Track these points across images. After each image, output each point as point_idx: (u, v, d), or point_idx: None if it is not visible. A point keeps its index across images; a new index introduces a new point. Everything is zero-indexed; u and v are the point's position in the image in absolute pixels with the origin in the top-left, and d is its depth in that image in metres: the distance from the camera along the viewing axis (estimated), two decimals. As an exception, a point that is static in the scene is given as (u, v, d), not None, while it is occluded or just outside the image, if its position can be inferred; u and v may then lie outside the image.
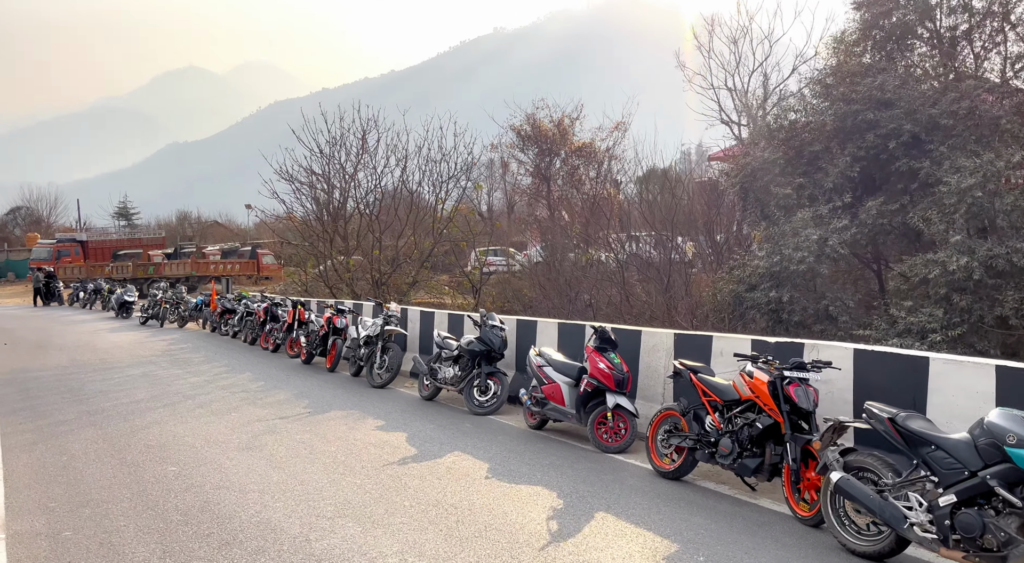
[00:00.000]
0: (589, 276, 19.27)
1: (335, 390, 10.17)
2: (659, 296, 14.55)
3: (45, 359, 13.51)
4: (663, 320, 12.69)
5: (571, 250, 22.05)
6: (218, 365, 12.94)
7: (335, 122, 19.37)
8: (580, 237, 21.25)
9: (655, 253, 18.88)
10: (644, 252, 19.83)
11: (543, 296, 18.92)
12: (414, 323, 11.29)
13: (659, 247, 18.15)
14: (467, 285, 21.14)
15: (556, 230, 22.23)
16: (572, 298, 18.58)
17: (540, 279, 21.25)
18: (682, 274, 15.12)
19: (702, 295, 11.98)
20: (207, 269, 33.12)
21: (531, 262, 24.05)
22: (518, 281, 21.29)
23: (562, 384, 6.96)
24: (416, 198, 19.63)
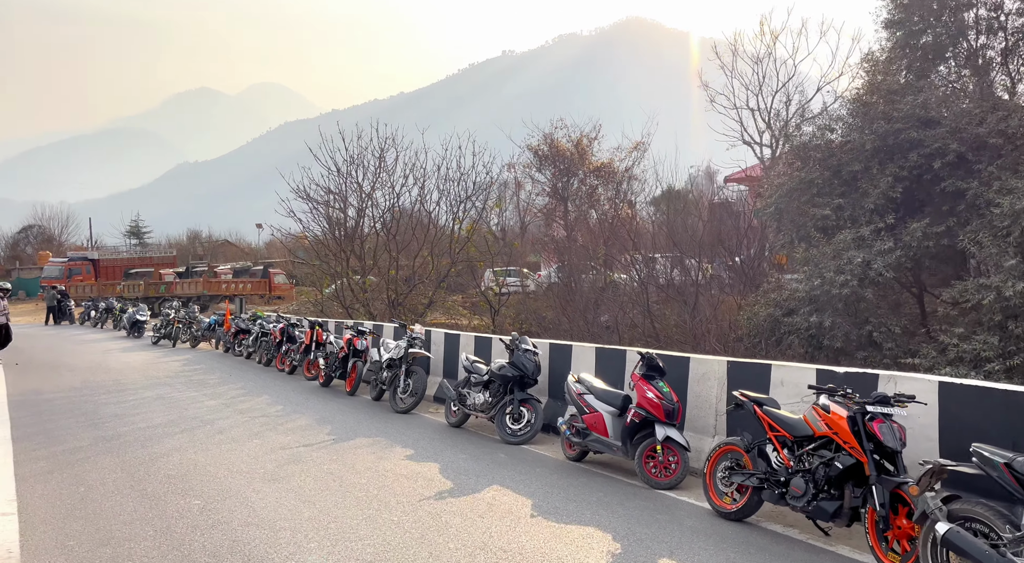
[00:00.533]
0: (608, 298, 18.94)
1: (358, 415, 9.81)
2: (685, 319, 14.18)
3: (58, 380, 13.21)
4: (692, 344, 12.30)
5: (588, 271, 21.75)
6: (234, 387, 12.61)
7: (352, 141, 19.24)
8: (600, 258, 20.94)
9: (675, 275, 18.58)
10: (663, 274, 19.52)
11: (565, 318, 18.57)
12: (438, 346, 10.95)
13: (679, 268, 17.85)
14: (483, 306, 20.82)
15: (573, 251, 21.94)
16: (591, 320, 18.23)
17: (558, 300, 20.94)
18: (707, 297, 14.76)
19: (732, 319, 11.59)
20: (219, 288, 32.93)
21: (546, 283, 23.76)
22: (534, 302, 20.95)
23: (605, 414, 6.59)
24: (434, 217, 19.39)
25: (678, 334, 13.86)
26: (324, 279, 20.58)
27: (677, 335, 13.75)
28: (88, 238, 61.51)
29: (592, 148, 22.19)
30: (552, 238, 22.63)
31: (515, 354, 8.14)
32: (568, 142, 22.65)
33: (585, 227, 22.18)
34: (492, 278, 22.24)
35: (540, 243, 24.73)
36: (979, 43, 12.42)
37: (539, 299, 21.26)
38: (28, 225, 63.69)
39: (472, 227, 20.46)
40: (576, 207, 22.66)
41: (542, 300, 21.74)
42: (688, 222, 18.34)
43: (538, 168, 23.53)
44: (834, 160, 10.46)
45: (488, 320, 20.37)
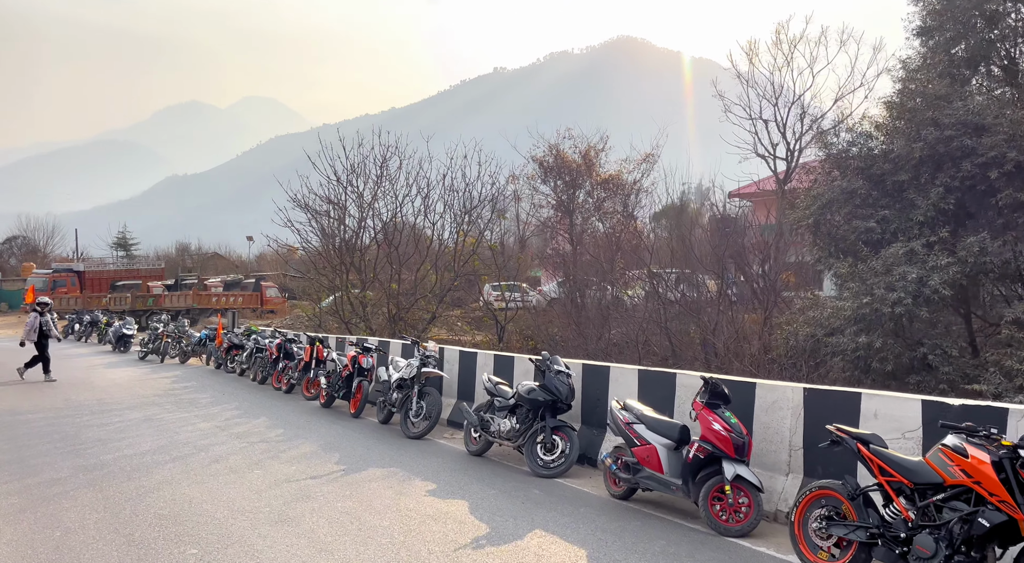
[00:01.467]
0: (618, 314, 18.23)
1: (366, 441, 8.97)
2: (708, 337, 13.44)
3: (37, 399, 12.27)
4: (718, 365, 11.57)
5: (595, 286, 21.04)
6: (228, 408, 11.72)
7: (353, 148, 18.50)
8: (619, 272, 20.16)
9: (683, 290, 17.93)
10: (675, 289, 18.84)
11: (573, 334, 17.82)
12: (452, 364, 10.14)
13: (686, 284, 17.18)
14: (487, 321, 20.04)
15: (580, 265, 21.25)
16: (599, 337, 17.49)
17: (564, 316, 20.18)
18: (725, 315, 14.03)
19: (764, 339, 10.85)
20: (209, 301, 31.92)
21: (546, 298, 23.00)
22: (536, 318, 20.19)
23: (659, 447, 5.81)
24: (438, 229, 18.64)
25: (700, 353, 13.13)
26: (322, 293, 19.72)
27: (699, 354, 13.02)
28: (74, 250, 60.26)
29: (599, 159, 21.57)
30: (558, 252, 21.91)
31: (546, 376, 7.35)
32: (574, 153, 22.02)
33: (592, 241, 21.50)
34: (491, 292, 21.49)
35: (545, 257, 24.02)
36: (1017, 51, 11.90)
37: (542, 314, 20.51)
38: (12, 236, 62.34)
39: (475, 240, 19.73)
40: (583, 220, 22.00)
41: (545, 316, 21.01)
42: (694, 236, 17.69)
43: (543, 179, 22.87)
44: (876, 169, 9.82)
45: (491, 336, 19.57)
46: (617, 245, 21.16)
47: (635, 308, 17.39)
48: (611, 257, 20.26)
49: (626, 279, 20.40)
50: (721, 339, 11.46)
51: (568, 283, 21.21)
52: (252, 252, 61.13)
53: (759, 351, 11.07)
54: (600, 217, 21.27)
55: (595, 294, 20.53)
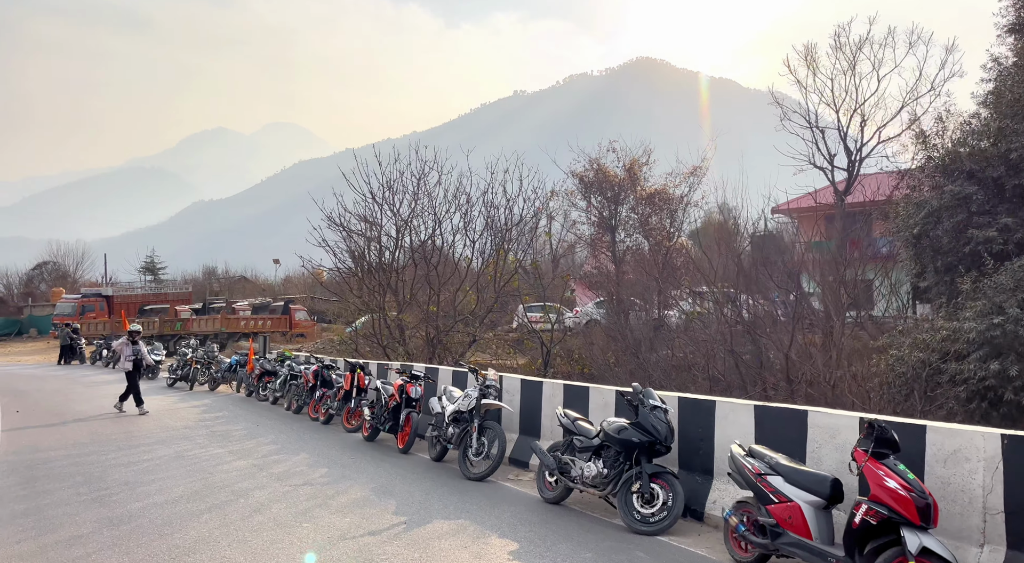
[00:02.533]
0: (669, 336, 17.12)
1: (422, 483, 7.94)
2: (781, 362, 12.26)
3: (61, 433, 11.44)
4: (805, 395, 10.40)
5: (642, 306, 19.97)
6: (264, 441, 10.78)
7: (390, 164, 17.71)
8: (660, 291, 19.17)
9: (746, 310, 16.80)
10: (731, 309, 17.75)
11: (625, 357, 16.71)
12: (512, 395, 9.10)
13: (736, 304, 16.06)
14: (528, 344, 18.99)
15: (623, 284, 20.20)
16: (643, 363, 16.38)
17: (605, 339, 19.10)
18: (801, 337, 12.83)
19: (868, 366, 9.68)
20: (237, 325, 31.27)
21: (585, 320, 21.92)
22: (573, 340, 19.11)
23: (804, 505, 4.71)
24: (479, 247, 17.72)
25: (776, 379, 11.95)
26: (357, 316, 18.85)
27: (777, 381, 11.84)
28: (103, 275, 60.45)
29: (643, 173, 20.59)
30: (600, 270, 20.87)
31: (639, 412, 6.30)
32: (617, 167, 21.06)
33: (637, 258, 20.47)
34: (525, 314, 20.48)
35: (584, 276, 22.98)
36: None
37: (582, 337, 19.43)
38: (43, 261, 62.73)
39: (516, 259, 18.79)
40: (626, 236, 20.99)
41: (586, 338, 19.94)
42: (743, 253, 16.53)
43: (583, 195, 21.92)
44: (991, 172, 8.70)
45: (531, 359, 18.49)
46: (664, 262, 20.12)
47: (687, 329, 16.26)
48: (659, 275, 19.21)
49: (672, 299, 19.32)
50: (809, 364, 10.28)
51: (611, 303, 20.17)
52: (278, 275, 60.88)
53: (848, 378, 9.90)
54: (645, 233, 20.23)
55: (642, 315, 19.47)
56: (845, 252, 14.41)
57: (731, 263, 16.99)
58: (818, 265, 15.23)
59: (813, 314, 14.17)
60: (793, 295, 14.83)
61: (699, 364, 15.07)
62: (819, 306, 13.85)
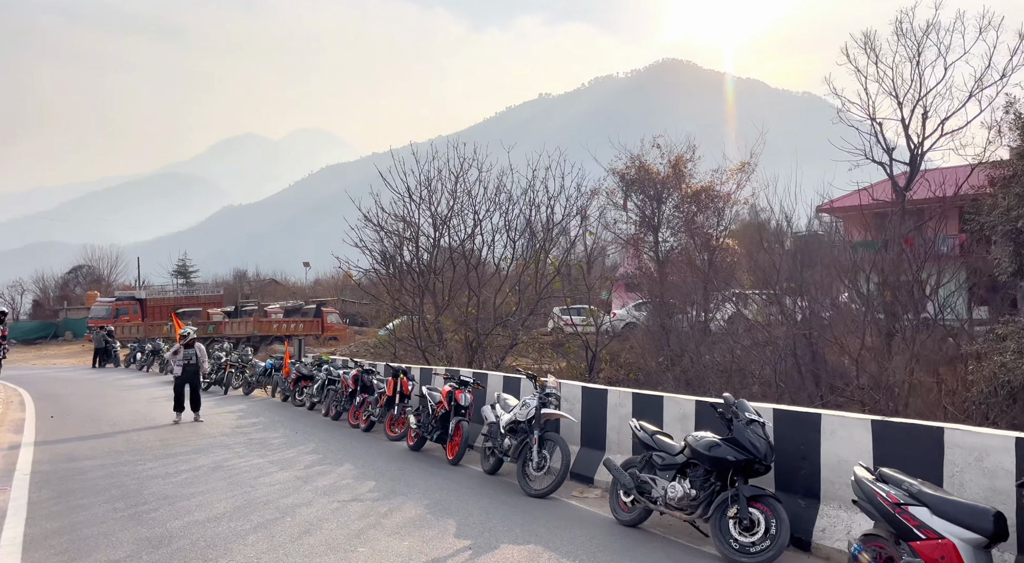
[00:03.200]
0: (712, 340, 16.34)
1: (479, 499, 7.31)
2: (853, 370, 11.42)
3: (96, 441, 11.04)
4: (887, 406, 9.56)
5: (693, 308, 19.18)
6: (305, 450, 10.25)
7: (428, 161, 17.18)
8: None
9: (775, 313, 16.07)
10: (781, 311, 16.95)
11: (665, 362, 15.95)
12: (571, 403, 8.43)
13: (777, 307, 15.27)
14: (571, 348, 18.29)
15: (667, 285, 19.40)
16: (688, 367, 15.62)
17: (647, 343, 18.35)
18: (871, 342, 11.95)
19: (964, 373, 8.83)
20: (270, 328, 31.03)
21: (623, 323, 21.16)
22: (613, 344, 18.35)
23: (959, 543, 3.97)
24: (520, 247, 17.09)
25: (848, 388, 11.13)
26: (394, 318, 18.34)
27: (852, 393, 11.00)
28: (136, 278, 61.09)
29: (689, 170, 19.80)
30: (643, 271, 20.10)
31: (734, 426, 5.59)
32: (660, 164, 20.28)
33: (685, 258, 19.66)
34: (560, 317, 19.79)
35: (623, 278, 22.22)
36: None
37: (616, 340, 18.68)
38: (78, 265, 63.64)
39: (556, 261, 18.13)
40: (672, 235, 20.22)
41: (623, 342, 19.19)
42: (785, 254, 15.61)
43: (625, 194, 21.17)
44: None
45: (573, 364, 17.78)
46: (710, 262, 19.29)
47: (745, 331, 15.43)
48: (706, 276, 18.40)
49: (717, 301, 18.51)
50: (884, 369, 9.45)
51: (655, 305, 19.39)
52: (308, 278, 60.96)
53: (930, 385, 9.04)
54: (691, 232, 19.42)
55: (686, 317, 18.70)
56: (902, 251, 13.49)
57: (784, 263, 16.17)
58: (879, 264, 14.32)
59: (873, 317, 13.30)
60: (850, 297, 13.97)
61: (750, 369, 14.28)
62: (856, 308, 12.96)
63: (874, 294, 13.18)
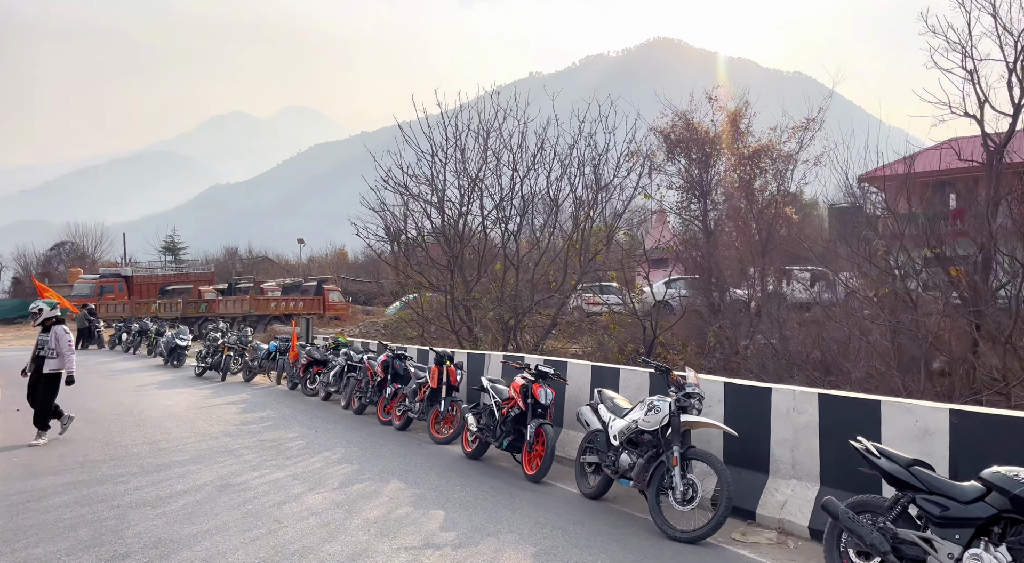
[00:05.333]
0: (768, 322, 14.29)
1: (603, 543, 5.15)
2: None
3: (67, 445, 8.79)
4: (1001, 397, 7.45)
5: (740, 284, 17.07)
6: (333, 458, 8.07)
7: (456, 113, 14.87)
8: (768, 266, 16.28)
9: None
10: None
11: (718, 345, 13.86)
12: (709, 405, 6.23)
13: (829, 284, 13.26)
14: (616, 330, 16.11)
15: (715, 259, 17.22)
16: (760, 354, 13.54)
17: (690, 323, 16.25)
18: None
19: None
20: (267, 307, 28.69)
21: (656, 300, 19.00)
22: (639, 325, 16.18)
23: None
24: (563, 213, 14.87)
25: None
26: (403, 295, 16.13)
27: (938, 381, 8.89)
28: (122, 256, 58.36)
29: (746, 126, 17.55)
30: (693, 241, 17.90)
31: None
32: (711, 121, 17.98)
33: (740, 227, 17.48)
34: (579, 293, 17.66)
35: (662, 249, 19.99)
36: None
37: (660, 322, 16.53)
38: (61, 242, 60.81)
39: (600, 229, 15.90)
40: (725, 202, 18.00)
41: (664, 322, 17.05)
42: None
43: (668, 156, 18.86)
44: None
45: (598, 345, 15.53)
46: (768, 232, 17.11)
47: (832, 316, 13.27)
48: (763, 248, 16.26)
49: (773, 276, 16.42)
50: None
51: (703, 282, 17.25)
52: (303, 256, 58.45)
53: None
54: (749, 198, 17.21)
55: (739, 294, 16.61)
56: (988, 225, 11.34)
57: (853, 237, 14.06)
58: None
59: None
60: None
61: (832, 359, 12.12)
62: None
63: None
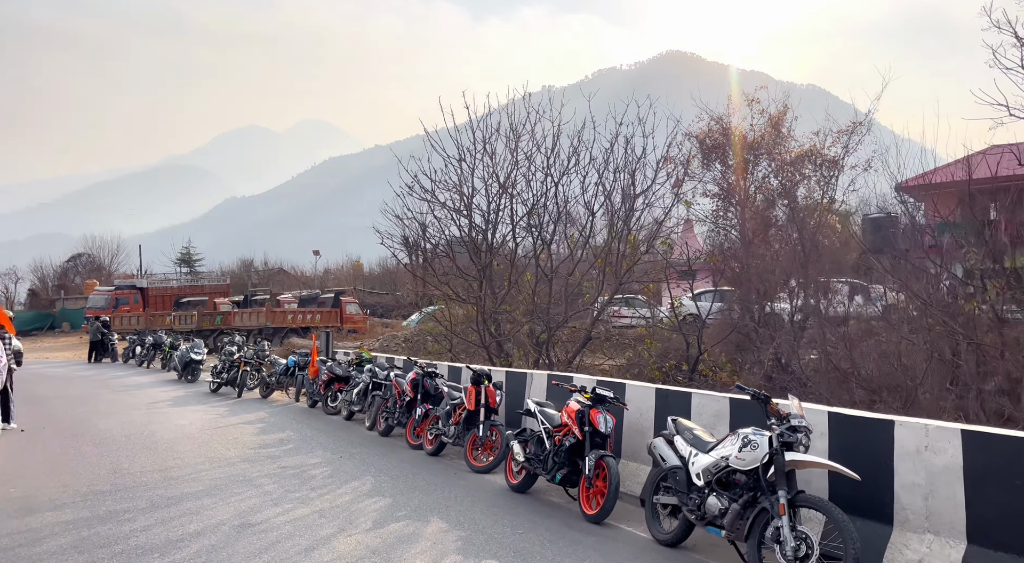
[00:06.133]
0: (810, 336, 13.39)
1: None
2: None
3: (71, 472, 8.00)
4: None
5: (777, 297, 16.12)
6: (364, 488, 7.24)
7: (484, 117, 14.14)
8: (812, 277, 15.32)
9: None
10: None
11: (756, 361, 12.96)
12: (813, 440, 5.30)
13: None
14: (653, 344, 15.20)
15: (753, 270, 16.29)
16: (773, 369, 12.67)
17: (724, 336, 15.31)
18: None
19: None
20: (284, 320, 27.98)
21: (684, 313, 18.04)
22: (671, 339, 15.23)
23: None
24: (598, 221, 14.05)
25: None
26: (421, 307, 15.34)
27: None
28: (138, 267, 58.16)
29: (788, 129, 16.67)
30: (730, 252, 16.98)
31: None
32: (749, 125, 17.12)
33: (781, 236, 16.58)
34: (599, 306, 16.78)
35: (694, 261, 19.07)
36: None
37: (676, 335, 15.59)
38: (77, 254, 60.76)
39: (633, 239, 15.04)
40: (764, 209, 17.10)
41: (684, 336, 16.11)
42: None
43: (703, 162, 18.00)
44: None
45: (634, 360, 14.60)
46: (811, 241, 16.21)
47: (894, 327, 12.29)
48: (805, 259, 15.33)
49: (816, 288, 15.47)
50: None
51: (741, 293, 16.32)
52: (318, 267, 57.92)
53: None
54: (792, 205, 16.31)
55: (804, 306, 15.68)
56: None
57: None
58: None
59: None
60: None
61: (896, 378, 11.12)
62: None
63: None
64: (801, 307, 15.60)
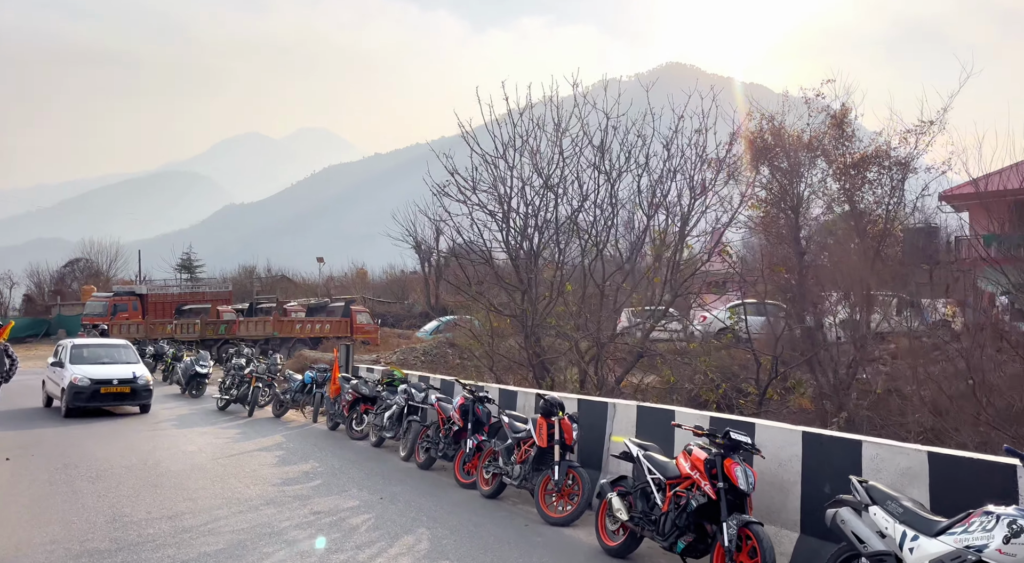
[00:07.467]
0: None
1: None
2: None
3: (60, 519, 6.56)
4: None
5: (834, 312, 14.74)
6: (419, 549, 5.85)
7: (527, 110, 12.82)
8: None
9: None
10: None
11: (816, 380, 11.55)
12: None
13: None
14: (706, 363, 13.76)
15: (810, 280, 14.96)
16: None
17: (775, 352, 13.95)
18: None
19: None
20: (292, 329, 26.53)
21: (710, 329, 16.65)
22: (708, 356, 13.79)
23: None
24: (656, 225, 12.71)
25: None
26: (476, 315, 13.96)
27: None
28: (137, 273, 56.70)
29: (854, 127, 15.35)
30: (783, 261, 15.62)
31: None
32: (806, 125, 15.78)
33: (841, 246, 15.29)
34: (629, 320, 15.38)
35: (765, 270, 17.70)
36: None
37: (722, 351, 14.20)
38: (75, 259, 59.27)
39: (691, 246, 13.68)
40: (825, 215, 15.80)
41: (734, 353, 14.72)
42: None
43: (752, 165, 16.67)
44: None
45: (692, 382, 13.16)
46: (875, 251, 14.91)
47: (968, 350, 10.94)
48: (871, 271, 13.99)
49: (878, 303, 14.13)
50: None
51: (795, 306, 14.96)
52: (321, 275, 56.45)
53: None
54: (856, 212, 15.00)
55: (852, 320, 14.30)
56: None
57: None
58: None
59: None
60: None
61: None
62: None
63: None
64: (862, 326, 14.21)
